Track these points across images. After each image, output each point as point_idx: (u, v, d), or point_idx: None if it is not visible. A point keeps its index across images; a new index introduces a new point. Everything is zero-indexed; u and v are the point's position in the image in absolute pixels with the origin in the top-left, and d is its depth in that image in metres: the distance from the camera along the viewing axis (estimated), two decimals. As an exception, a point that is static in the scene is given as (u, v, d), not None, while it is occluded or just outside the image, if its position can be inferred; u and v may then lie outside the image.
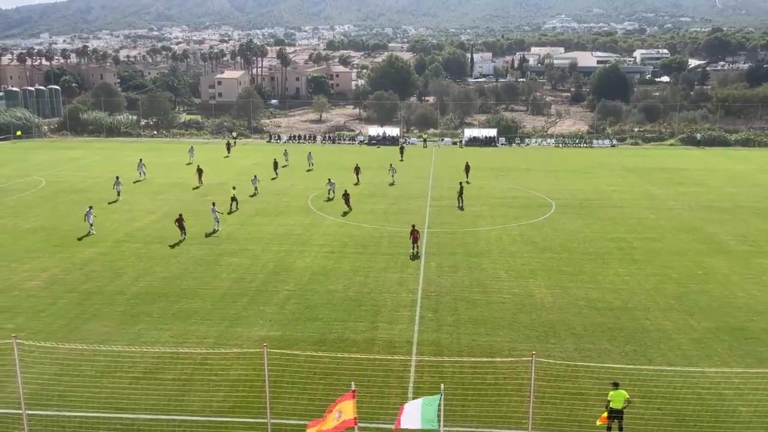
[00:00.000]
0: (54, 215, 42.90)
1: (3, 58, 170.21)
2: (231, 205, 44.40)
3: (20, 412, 15.69)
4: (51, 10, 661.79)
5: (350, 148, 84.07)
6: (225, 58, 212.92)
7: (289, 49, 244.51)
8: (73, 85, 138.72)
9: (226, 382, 20.03)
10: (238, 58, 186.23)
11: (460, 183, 46.77)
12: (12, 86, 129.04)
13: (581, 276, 30.54)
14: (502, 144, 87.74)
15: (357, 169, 55.83)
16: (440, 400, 14.35)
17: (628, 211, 44.47)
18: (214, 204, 39.59)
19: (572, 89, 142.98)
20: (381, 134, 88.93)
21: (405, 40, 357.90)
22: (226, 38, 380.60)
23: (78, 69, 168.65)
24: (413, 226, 34.10)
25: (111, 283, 29.40)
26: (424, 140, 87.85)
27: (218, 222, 38.88)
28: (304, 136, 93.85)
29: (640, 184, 55.24)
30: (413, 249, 33.56)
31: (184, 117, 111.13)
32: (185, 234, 36.12)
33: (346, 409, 14.11)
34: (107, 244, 35.71)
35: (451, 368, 20.98)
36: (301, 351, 21.49)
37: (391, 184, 54.06)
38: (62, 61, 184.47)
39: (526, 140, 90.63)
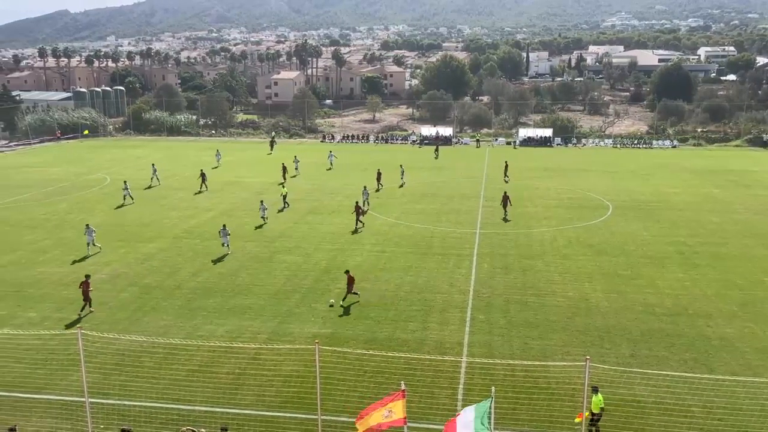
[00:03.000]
0: (117, 212, 44.54)
1: (72, 60, 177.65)
2: (283, 203, 45.12)
3: (83, 399, 16.34)
4: (117, 13, 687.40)
5: (402, 147, 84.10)
6: (281, 59, 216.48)
7: (343, 50, 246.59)
8: (137, 85, 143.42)
9: (279, 377, 20.36)
10: (294, 58, 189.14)
11: (505, 192, 43.44)
12: (80, 87, 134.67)
13: (639, 280, 29.69)
14: (557, 144, 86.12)
15: (379, 175, 52.71)
16: (491, 404, 14.17)
17: (689, 215, 42.97)
18: (224, 226, 34.77)
19: (632, 88, 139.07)
20: (434, 134, 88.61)
21: (460, 39, 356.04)
22: (283, 39, 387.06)
23: (141, 70, 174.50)
24: (347, 271, 27.53)
25: (170, 277, 30.32)
26: (477, 140, 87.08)
27: (226, 245, 34.24)
28: (357, 135, 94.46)
29: (702, 187, 53.28)
30: (346, 295, 27.09)
31: (241, 117, 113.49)
32: (90, 305, 25.95)
33: (395, 408, 14.12)
34: (166, 240, 36.83)
35: (502, 371, 20.73)
36: (351, 349, 21.64)
37: (401, 186, 53.07)
38: (127, 62, 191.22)
39: (583, 140, 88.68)
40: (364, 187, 45.59)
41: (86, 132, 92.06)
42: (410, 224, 40.42)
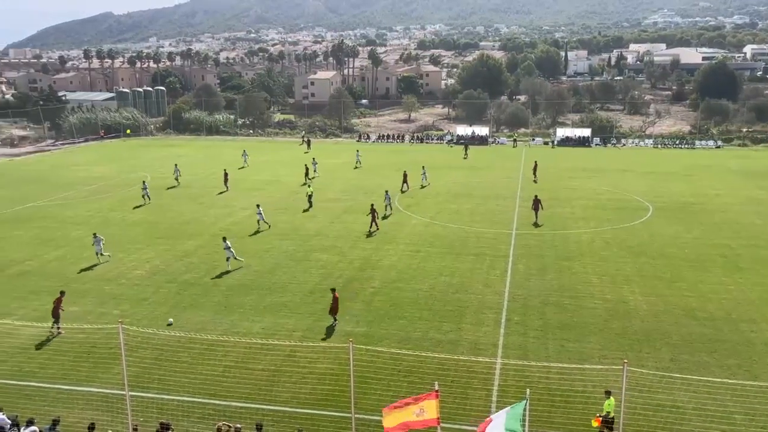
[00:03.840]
0: (157, 209, 45.48)
1: (115, 61, 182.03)
2: (308, 203, 45.21)
3: (124, 392, 16.74)
4: (159, 15, 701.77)
5: (437, 147, 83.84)
6: (318, 59, 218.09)
7: (380, 50, 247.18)
8: (177, 86, 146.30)
9: (313, 375, 20.54)
10: (331, 58, 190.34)
11: (536, 195, 42.22)
12: (123, 87, 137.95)
13: (679, 283, 29.03)
14: (596, 144, 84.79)
15: (405, 176, 51.46)
16: (525, 405, 14.03)
17: (733, 216, 41.82)
18: (225, 239, 32.33)
19: (674, 87, 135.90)
20: (470, 134, 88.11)
21: (497, 38, 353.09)
22: (320, 39, 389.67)
23: (182, 71, 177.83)
24: (333, 290, 25.35)
25: (207, 274, 30.83)
26: (514, 140, 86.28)
27: (229, 259, 31.60)
28: (393, 135, 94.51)
29: (747, 188, 51.75)
30: (334, 321, 24.87)
31: (278, 117, 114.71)
32: (60, 326, 23.99)
33: (428, 408, 14.08)
34: (204, 238, 37.46)
35: (537, 373, 20.53)
36: (385, 348, 21.68)
37: (423, 187, 52.22)
38: (168, 63, 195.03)
39: (622, 140, 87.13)
40: (386, 191, 44.21)
41: (129, 131, 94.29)
42: (445, 224, 40.28)
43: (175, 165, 56.34)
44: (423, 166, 54.75)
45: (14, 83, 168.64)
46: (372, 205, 39.82)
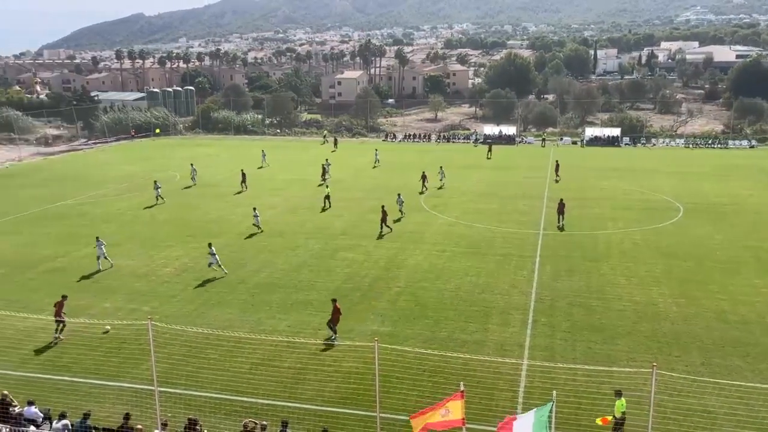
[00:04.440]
0: (185, 208, 46.08)
1: (146, 61, 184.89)
2: (324, 203, 45.21)
3: (153, 388, 16.99)
4: (189, 15, 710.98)
5: (462, 147, 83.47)
6: (345, 59, 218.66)
7: (406, 49, 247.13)
8: (206, 86, 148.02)
9: (338, 373, 20.61)
10: (358, 58, 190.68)
11: (561, 199, 40.41)
12: (153, 87, 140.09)
13: (711, 286, 28.47)
14: (625, 144, 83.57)
15: (423, 177, 50.88)
16: (552, 408, 13.89)
17: (766, 218, 40.86)
18: (210, 245, 31.31)
19: (706, 86, 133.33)
20: (497, 133, 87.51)
21: (525, 37, 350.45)
22: (347, 39, 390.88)
23: (211, 71, 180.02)
24: (334, 301, 23.95)
25: (234, 272, 31.11)
26: (543, 139, 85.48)
27: (213, 264, 30.61)
28: (419, 135, 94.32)
29: (782, 189, 50.52)
30: (334, 334, 23.51)
31: (305, 116, 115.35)
32: (59, 330, 23.62)
33: (454, 409, 14.05)
34: (231, 236, 37.84)
35: (564, 375, 20.32)
36: (410, 348, 21.65)
37: (440, 188, 51.67)
38: (197, 63, 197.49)
39: (653, 140, 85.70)
40: (398, 194, 43.22)
41: (158, 131, 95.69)
42: (471, 224, 40.08)
43: (191, 165, 56.72)
44: (441, 166, 54.27)
45: (48, 83, 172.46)
46: (383, 206, 39.04)
